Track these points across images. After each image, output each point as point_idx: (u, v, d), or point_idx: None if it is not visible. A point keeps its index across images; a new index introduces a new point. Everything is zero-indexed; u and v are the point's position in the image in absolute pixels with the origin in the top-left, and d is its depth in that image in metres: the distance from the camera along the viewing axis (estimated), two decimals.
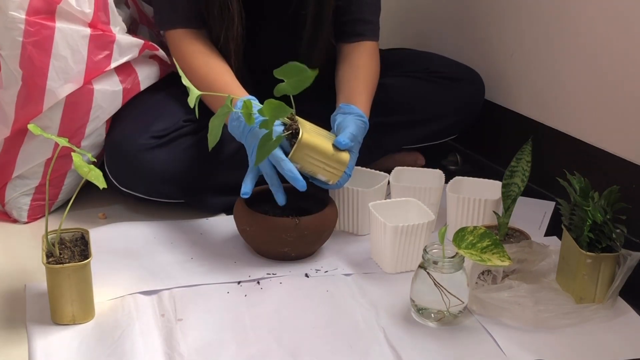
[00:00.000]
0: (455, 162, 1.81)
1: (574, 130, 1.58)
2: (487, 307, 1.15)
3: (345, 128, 1.32)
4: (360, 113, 1.37)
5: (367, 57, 1.53)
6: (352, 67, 1.50)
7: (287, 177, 1.25)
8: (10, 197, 1.45)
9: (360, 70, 1.50)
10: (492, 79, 1.79)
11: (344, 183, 1.32)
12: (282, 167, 1.25)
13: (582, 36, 1.54)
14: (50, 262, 1.10)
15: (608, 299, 1.17)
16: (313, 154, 1.26)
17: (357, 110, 1.38)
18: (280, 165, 1.25)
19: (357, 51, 1.53)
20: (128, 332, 1.09)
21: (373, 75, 1.52)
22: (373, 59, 1.54)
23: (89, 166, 1.09)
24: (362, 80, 1.48)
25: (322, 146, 1.27)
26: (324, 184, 1.32)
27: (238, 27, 1.44)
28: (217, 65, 1.43)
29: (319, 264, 1.31)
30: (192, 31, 1.46)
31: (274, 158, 1.25)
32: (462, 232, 1.12)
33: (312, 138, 1.26)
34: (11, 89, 1.36)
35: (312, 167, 1.28)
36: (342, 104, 1.41)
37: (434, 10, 2.05)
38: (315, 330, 1.12)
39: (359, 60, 1.52)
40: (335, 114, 1.39)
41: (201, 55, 1.44)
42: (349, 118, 1.35)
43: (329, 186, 1.32)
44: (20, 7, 1.31)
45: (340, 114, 1.38)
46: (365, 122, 1.37)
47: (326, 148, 1.28)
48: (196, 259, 1.31)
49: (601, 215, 1.13)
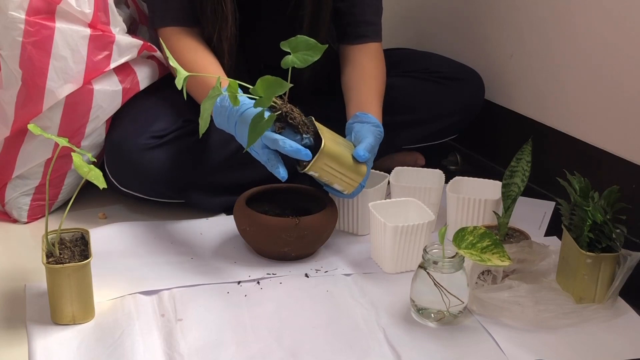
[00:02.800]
0: (455, 162, 1.81)
1: (574, 130, 1.58)
2: (487, 307, 1.15)
3: (364, 139, 1.31)
4: (377, 123, 1.37)
5: (374, 59, 1.53)
6: (359, 70, 1.50)
7: (289, 152, 1.19)
8: (10, 197, 1.45)
9: (368, 74, 1.50)
10: (492, 79, 1.79)
11: (357, 194, 1.32)
12: (281, 145, 1.19)
13: (581, 36, 1.54)
14: (50, 262, 1.10)
15: (608, 299, 1.17)
16: (332, 164, 1.25)
17: (374, 120, 1.37)
18: (277, 144, 1.20)
19: (362, 53, 1.53)
20: (128, 332, 1.09)
21: (382, 79, 1.52)
22: (379, 61, 1.54)
23: (89, 166, 1.09)
24: (373, 86, 1.47)
25: (343, 157, 1.26)
26: (338, 193, 1.31)
27: (232, 27, 1.43)
28: (205, 59, 1.42)
29: (319, 264, 1.31)
30: (183, 29, 1.46)
31: (267, 139, 1.21)
32: (462, 232, 1.12)
33: (333, 147, 1.24)
34: (11, 89, 1.36)
35: (330, 177, 1.26)
36: (358, 112, 1.39)
37: (434, 10, 2.05)
38: (315, 330, 1.12)
39: (366, 64, 1.51)
40: (352, 122, 1.37)
41: (191, 51, 1.43)
42: (367, 127, 1.34)
43: (341, 195, 1.31)
44: (20, 7, 1.31)
45: (358, 122, 1.36)
46: (381, 132, 1.36)
47: (346, 159, 1.26)
48: (196, 259, 1.31)
49: (601, 215, 1.13)
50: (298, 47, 1.17)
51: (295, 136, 1.22)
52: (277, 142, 1.20)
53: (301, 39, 1.17)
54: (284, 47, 1.17)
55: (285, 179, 1.23)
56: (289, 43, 1.17)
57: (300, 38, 1.17)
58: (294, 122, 1.22)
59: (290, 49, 1.17)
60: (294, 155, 1.21)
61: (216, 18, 1.42)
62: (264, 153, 1.23)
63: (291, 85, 1.15)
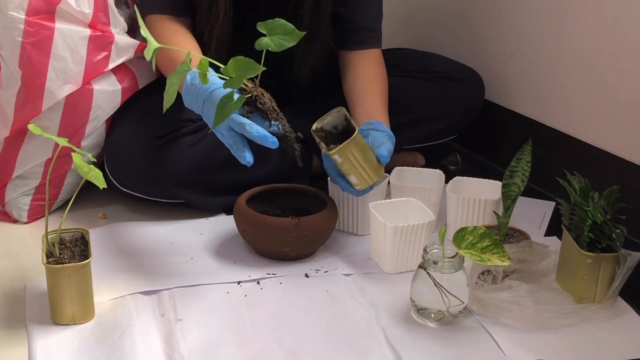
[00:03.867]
0: (455, 162, 1.81)
1: (574, 130, 1.58)
2: (487, 307, 1.15)
3: (382, 144, 1.32)
4: (391, 134, 1.37)
5: (375, 65, 1.53)
6: (362, 75, 1.50)
7: (255, 137, 1.14)
8: (10, 197, 1.45)
9: (372, 79, 1.50)
10: (491, 79, 1.79)
11: (365, 193, 1.33)
12: (248, 130, 1.14)
13: (581, 36, 1.54)
14: (50, 262, 1.10)
15: (608, 299, 1.17)
16: (358, 155, 1.26)
17: (389, 131, 1.38)
18: (244, 128, 1.14)
19: (364, 59, 1.53)
20: (128, 332, 1.09)
21: (385, 84, 1.52)
22: (381, 67, 1.55)
23: (89, 166, 1.09)
24: (378, 92, 1.48)
25: (369, 151, 1.28)
26: (348, 187, 1.31)
27: (223, 24, 1.44)
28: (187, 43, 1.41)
29: (319, 264, 1.31)
30: (170, 17, 1.46)
31: (234, 122, 1.16)
32: (462, 232, 1.12)
33: (362, 139, 1.25)
34: (11, 89, 1.36)
35: (351, 166, 1.27)
36: (373, 120, 1.39)
37: (434, 10, 2.05)
38: (315, 330, 1.12)
39: (369, 69, 1.52)
40: (367, 128, 1.37)
41: (173, 33, 1.43)
42: (383, 135, 1.35)
43: (351, 190, 1.32)
44: (20, 7, 1.31)
45: (373, 130, 1.37)
46: (394, 143, 1.37)
47: (370, 155, 1.28)
48: (196, 259, 1.31)
49: (601, 215, 1.13)
50: (275, 30, 1.12)
51: (263, 122, 1.17)
52: (244, 126, 1.15)
53: (279, 22, 1.12)
54: (261, 29, 1.12)
55: (251, 164, 1.17)
56: (266, 25, 1.12)
57: (278, 21, 1.12)
58: (264, 107, 1.17)
59: (266, 31, 1.12)
60: (259, 142, 1.15)
61: (210, 14, 1.43)
62: (230, 135, 1.18)
63: (264, 68, 1.10)
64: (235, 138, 1.17)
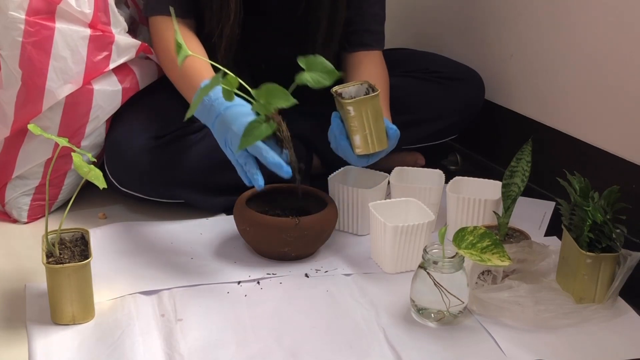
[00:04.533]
0: (455, 162, 1.81)
1: (574, 130, 1.58)
2: (487, 307, 1.15)
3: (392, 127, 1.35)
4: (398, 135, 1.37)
5: (378, 66, 1.55)
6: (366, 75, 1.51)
7: (270, 164, 1.19)
8: (10, 197, 1.45)
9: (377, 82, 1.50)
10: (492, 79, 1.79)
11: (362, 164, 1.35)
12: (264, 155, 1.19)
13: (581, 36, 1.54)
14: (50, 262, 1.10)
15: (608, 299, 1.17)
16: (371, 115, 1.28)
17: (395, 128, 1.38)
18: (260, 153, 1.19)
19: (366, 60, 1.54)
20: (128, 332, 1.09)
21: (388, 87, 1.53)
22: (383, 68, 1.56)
23: (89, 166, 1.09)
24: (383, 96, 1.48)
25: (381, 118, 1.30)
26: (349, 150, 1.32)
27: (233, 25, 1.44)
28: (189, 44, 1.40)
29: (319, 264, 1.31)
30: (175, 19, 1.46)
31: (254, 148, 1.20)
32: (462, 232, 1.12)
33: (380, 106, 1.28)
34: (11, 89, 1.36)
35: (360, 124, 1.28)
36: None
37: (434, 10, 2.05)
38: (315, 330, 1.12)
39: (372, 69, 1.53)
40: None
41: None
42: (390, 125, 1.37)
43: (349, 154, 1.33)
44: (20, 7, 1.31)
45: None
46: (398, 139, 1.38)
47: (382, 123, 1.30)
48: (196, 259, 1.31)
49: (601, 215, 1.13)
50: (313, 67, 1.15)
51: (276, 149, 1.22)
52: (261, 151, 1.20)
53: (319, 60, 1.15)
54: (300, 63, 1.15)
55: (262, 188, 1.22)
56: (306, 60, 1.15)
57: (318, 59, 1.15)
58: (281, 136, 1.22)
59: (305, 67, 1.15)
60: (273, 168, 1.20)
61: (221, 15, 1.42)
62: (242, 155, 1.22)
63: (296, 102, 1.13)
64: (248, 159, 1.22)
